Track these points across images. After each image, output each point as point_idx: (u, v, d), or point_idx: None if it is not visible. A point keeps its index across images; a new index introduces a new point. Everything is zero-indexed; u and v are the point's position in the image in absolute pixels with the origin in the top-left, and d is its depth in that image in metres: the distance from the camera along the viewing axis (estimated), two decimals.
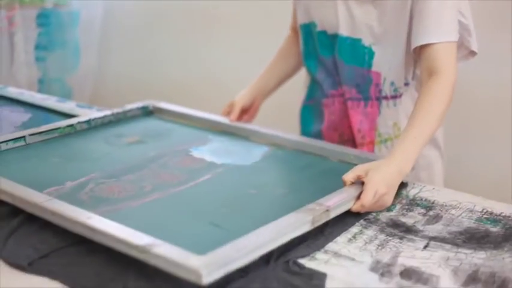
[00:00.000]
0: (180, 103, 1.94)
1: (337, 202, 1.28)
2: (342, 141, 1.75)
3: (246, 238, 1.12)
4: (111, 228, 1.15)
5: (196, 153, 1.60)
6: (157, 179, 1.43)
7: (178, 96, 3.06)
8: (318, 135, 1.78)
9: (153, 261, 1.07)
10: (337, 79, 1.72)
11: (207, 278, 1.02)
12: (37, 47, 3.06)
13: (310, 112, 1.83)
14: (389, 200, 1.36)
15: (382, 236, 1.26)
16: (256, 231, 1.14)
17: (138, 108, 1.87)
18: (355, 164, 1.45)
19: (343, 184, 1.37)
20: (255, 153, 1.62)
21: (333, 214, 1.26)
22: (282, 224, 1.18)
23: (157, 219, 1.26)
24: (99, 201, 1.32)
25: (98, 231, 1.14)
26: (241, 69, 2.99)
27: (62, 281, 1.10)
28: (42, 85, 3.08)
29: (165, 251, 1.07)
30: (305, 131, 1.84)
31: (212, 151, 1.62)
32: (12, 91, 2.04)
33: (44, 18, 3.05)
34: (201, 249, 1.08)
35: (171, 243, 1.09)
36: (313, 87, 1.80)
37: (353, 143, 1.74)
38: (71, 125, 1.72)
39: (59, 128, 1.69)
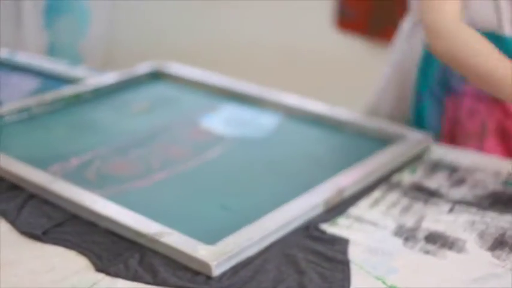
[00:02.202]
0: (194, 63, 1.88)
1: (351, 181, 1.23)
2: None
3: (256, 225, 1.09)
4: (118, 213, 1.12)
5: (206, 123, 1.54)
6: (165, 155, 1.38)
7: (192, 59, 3.02)
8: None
9: (161, 250, 1.05)
10: None
11: (217, 270, 1.00)
12: (46, 11, 3.01)
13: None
14: None
15: (405, 200, 1.23)
16: (267, 217, 1.11)
17: (145, 72, 1.80)
18: (371, 135, 1.43)
19: None
20: (266, 123, 1.55)
21: (347, 194, 1.22)
22: (293, 208, 1.14)
23: (166, 201, 1.22)
24: (106, 181, 1.27)
25: (104, 217, 1.12)
26: (254, 28, 2.96)
27: (77, 249, 1.07)
28: (53, 51, 3.04)
29: (173, 241, 1.04)
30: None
31: (222, 120, 1.56)
32: (22, 57, 2.00)
33: None
34: (211, 236, 1.06)
35: (180, 228, 1.07)
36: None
37: None
38: (77, 93, 1.66)
39: (64, 96, 1.64)
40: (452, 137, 1.52)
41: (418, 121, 1.56)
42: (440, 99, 1.52)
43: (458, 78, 1.48)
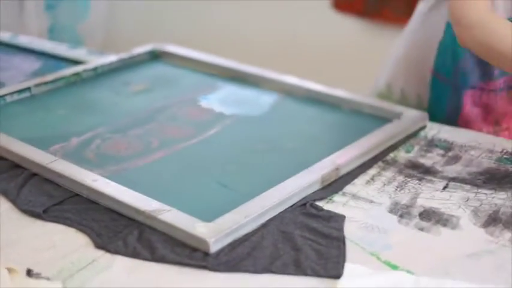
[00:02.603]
0: (194, 46, 1.89)
1: (348, 159, 1.25)
2: None
3: (253, 202, 1.10)
4: (117, 192, 1.13)
5: (205, 102, 1.55)
6: (164, 134, 1.40)
7: (190, 42, 3.03)
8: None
9: (159, 228, 1.06)
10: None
11: (215, 246, 1.02)
12: None
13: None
14: None
15: (400, 178, 1.24)
16: (264, 194, 1.12)
17: (145, 53, 1.82)
18: (369, 114, 1.45)
19: None
20: (265, 101, 1.56)
21: (343, 172, 1.24)
22: (290, 186, 1.15)
23: (164, 179, 1.23)
24: (105, 160, 1.29)
25: (104, 195, 1.13)
26: (252, 10, 2.97)
27: (77, 227, 1.09)
28: (53, 33, 3.05)
29: (171, 218, 1.06)
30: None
31: (221, 100, 1.57)
32: (23, 39, 2.01)
33: None
34: (208, 213, 1.07)
35: (177, 206, 1.08)
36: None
37: None
38: (77, 73, 1.67)
39: (64, 77, 1.65)
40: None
41: (435, 102, 1.58)
42: (459, 91, 1.53)
43: (475, 77, 1.50)
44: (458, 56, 1.51)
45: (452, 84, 1.55)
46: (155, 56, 1.83)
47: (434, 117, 1.50)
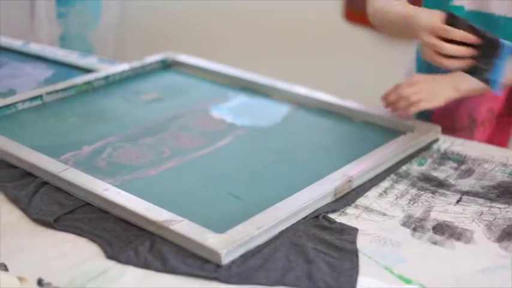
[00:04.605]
0: (205, 52, 1.89)
1: (361, 171, 1.24)
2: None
3: (266, 213, 1.10)
4: (128, 201, 1.13)
5: (216, 112, 1.55)
6: (176, 143, 1.40)
7: (203, 50, 3.03)
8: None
9: (171, 238, 1.06)
10: None
11: (227, 258, 1.01)
12: (58, 2, 3.02)
13: None
14: (428, 94, 1.40)
15: (413, 191, 1.23)
16: (277, 206, 1.12)
17: (157, 62, 1.82)
18: (379, 126, 1.46)
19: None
20: (276, 112, 1.56)
21: (355, 184, 1.23)
22: (303, 198, 1.15)
23: (176, 189, 1.23)
24: (117, 168, 1.28)
25: (115, 205, 1.13)
26: (265, 19, 2.97)
27: (88, 237, 1.08)
28: (64, 41, 3.05)
29: (183, 228, 1.05)
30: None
31: (232, 110, 1.57)
32: (35, 47, 2.01)
33: None
34: (220, 224, 1.06)
35: (189, 216, 1.08)
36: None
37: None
38: (89, 82, 1.67)
39: (76, 85, 1.65)
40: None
41: None
42: None
43: None
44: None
45: None
46: (167, 65, 1.83)
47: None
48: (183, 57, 1.83)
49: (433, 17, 1.24)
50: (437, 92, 1.43)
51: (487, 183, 1.26)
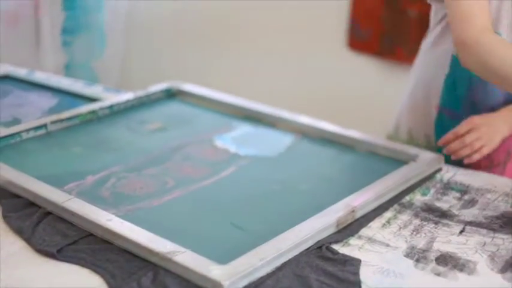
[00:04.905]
0: (208, 82, 1.89)
1: (363, 201, 1.24)
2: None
3: (268, 244, 1.10)
4: (132, 232, 1.13)
5: (220, 142, 1.56)
6: (180, 173, 1.40)
7: (206, 79, 3.05)
8: None
9: (174, 269, 1.06)
10: None
11: None
12: (64, 31, 3.05)
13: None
14: (488, 136, 1.40)
15: (416, 221, 1.23)
16: (280, 237, 1.12)
17: (161, 91, 1.83)
18: (383, 155, 1.46)
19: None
20: (280, 142, 1.56)
21: (359, 214, 1.23)
22: (306, 229, 1.15)
23: (179, 219, 1.23)
24: (120, 199, 1.28)
25: (118, 235, 1.13)
26: (268, 47, 2.98)
27: (92, 268, 1.08)
28: (69, 70, 3.07)
29: (186, 260, 1.05)
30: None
31: (236, 140, 1.57)
32: (40, 76, 2.02)
33: (70, 2, 3.03)
34: (223, 255, 1.06)
35: (192, 247, 1.08)
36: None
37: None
38: (93, 111, 1.68)
39: (80, 114, 1.66)
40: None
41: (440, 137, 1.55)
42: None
43: (487, 106, 1.50)
44: (471, 85, 1.50)
45: (461, 117, 1.52)
46: (171, 95, 1.83)
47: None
48: (188, 87, 1.84)
49: None
50: (495, 132, 1.44)
51: (490, 213, 1.26)
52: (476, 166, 1.49)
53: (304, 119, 1.63)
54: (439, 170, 1.43)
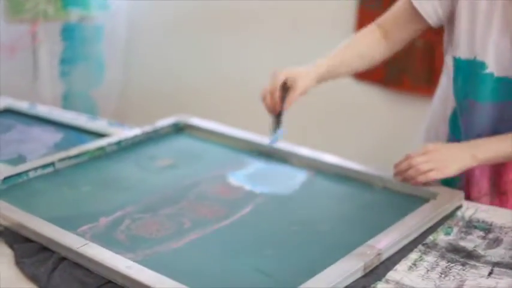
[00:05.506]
0: (208, 113, 1.86)
1: (388, 243, 1.21)
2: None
3: None
4: (153, 280, 1.08)
5: (234, 179, 1.52)
6: (195, 213, 1.36)
7: (206, 107, 3.02)
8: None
9: None
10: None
11: None
12: (62, 61, 3.02)
13: None
14: (440, 163, 1.39)
15: (443, 263, 1.20)
16: (307, 284, 1.08)
17: (169, 126, 1.79)
18: (400, 192, 1.44)
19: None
20: (294, 179, 1.53)
21: (384, 257, 1.20)
22: (332, 274, 1.11)
23: (200, 264, 1.19)
24: (137, 242, 1.24)
25: (140, 284, 1.08)
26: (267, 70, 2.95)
27: None
28: (67, 100, 3.04)
29: None
30: None
31: (249, 177, 1.54)
32: (42, 110, 1.99)
33: (68, 32, 3.00)
34: None
35: None
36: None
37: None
38: (101, 147, 1.64)
39: (88, 151, 1.62)
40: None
41: None
42: None
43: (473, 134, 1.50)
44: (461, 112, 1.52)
45: None
46: (179, 129, 1.80)
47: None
48: (196, 121, 1.81)
49: None
50: (451, 161, 1.41)
51: None
52: (483, 196, 1.49)
53: (317, 155, 1.60)
54: (460, 207, 1.40)
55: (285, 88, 1.49)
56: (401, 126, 2.61)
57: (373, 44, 1.58)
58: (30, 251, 1.22)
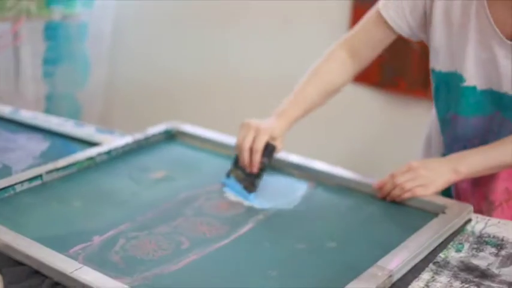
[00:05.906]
0: (197, 112, 1.80)
1: (400, 264, 1.15)
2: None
3: None
4: None
5: (231, 193, 1.46)
6: (193, 232, 1.29)
7: (194, 106, 2.96)
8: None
9: None
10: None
11: None
12: (45, 61, 2.93)
13: None
14: (424, 180, 1.36)
15: (457, 284, 1.14)
16: None
17: (160, 133, 1.72)
18: (405, 205, 1.40)
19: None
20: (294, 192, 1.47)
21: (396, 278, 1.14)
22: None
23: (200, 287, 1.12)
24: (133, 264, 1.17)
25: None
26: (257, 66, 2.89)
27: None
28: (50, 101, 2.95)
29: None
30: None
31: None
32: (26, 115, 1.90)
33: (51, 31, 2.91)
34: None
35: None
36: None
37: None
38: (91, 158, 1.56)
39: (77, 162, 1.54)
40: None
41: None
42: None
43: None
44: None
45: None
46: (171, 136, 1.73)
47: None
48: (188, 128, 1.74)
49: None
50: (435, 175, 1.39)
51: None
52: (477, 211, 1.43)
53: (317, 165, 1.54)
54: (469, 221, 1.35)
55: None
56: (397, 129, 2.55)
57: (338, 70, 1.57)
58: (20, 275, 1.14)
